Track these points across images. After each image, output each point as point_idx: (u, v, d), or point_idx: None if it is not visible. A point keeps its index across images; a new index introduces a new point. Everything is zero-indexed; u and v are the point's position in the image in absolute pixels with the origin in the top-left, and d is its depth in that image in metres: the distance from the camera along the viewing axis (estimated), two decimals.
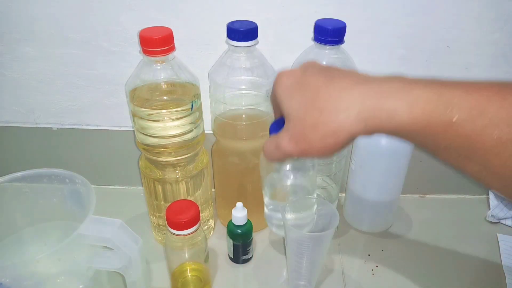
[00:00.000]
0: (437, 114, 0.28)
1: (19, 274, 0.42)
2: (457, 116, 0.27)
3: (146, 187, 0.59)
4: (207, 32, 0.59)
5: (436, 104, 0.28)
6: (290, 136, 0.34)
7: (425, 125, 0.28)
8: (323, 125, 0.32)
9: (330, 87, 0.32)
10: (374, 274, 0.58)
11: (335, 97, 0.31)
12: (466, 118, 0.27)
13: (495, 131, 0.26)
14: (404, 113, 0.29)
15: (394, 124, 0.29)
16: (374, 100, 0.30)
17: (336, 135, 0.31)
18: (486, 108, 0.26)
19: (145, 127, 0.53)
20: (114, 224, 0.43)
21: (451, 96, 0.28)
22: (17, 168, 0.49)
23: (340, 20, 0.53)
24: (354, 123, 0.30)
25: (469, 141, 0.27)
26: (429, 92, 0.28)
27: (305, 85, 0.34)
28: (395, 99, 0.29)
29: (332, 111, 0.31)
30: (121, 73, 0.61)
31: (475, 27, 0.57)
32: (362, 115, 0.30)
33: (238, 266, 0.60)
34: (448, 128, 0.27)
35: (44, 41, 0.60)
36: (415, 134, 0.29)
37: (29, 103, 0.66)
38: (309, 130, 0.33)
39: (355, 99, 0.30)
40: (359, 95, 0.30)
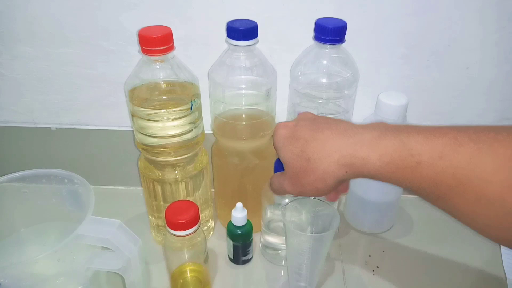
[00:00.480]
0: (402, 160, 0.32)
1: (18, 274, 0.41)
2: (419, 160, 0.31)
3: (145, 187, 0.59)
4: (207, 31, 0.58)
5: (401, 152, 0.32)
6: (288, 179, 0.41)
7: (394, 170, 0.32)
8: (312, 172, 0.37)
9: (316, 139, 0.38)
10: (375, 275, 0.58)
11: (319, 148, 0.37)
12: (428, 162, 0.31)
13: (454, 172, 0.29)
14: (375, 161, 0.33)
15: (368, 170, 0.34)
16: (350, 150, 0.35)
17: (324, 180, 0.37)
18: (444, 152, 0.30)
19: (144, 127, 0.52)
20: (113, 224, 0.43)
21: (414, 143, 0.32)
22: (15, 168, 0.49)
23: (341, 19, 0.53)
24: (337, 169, 0.36)
25: (434, 182, 0.31)
26: (395, 141, 0.33)
27: (296, 137, 0.39)
28: (367, 149, 0.34)
29: (317, 160, 0.37)
30: (120, 72, 0.61)
31: (476, 27, 0.57)
32: (341, 162, 0.35)
33: (238, 267, 0.59)
34: (414, 171, 0.31)
35: (43, 41, 0.60)
36: (389, 178, 0.33)
37: (28, 103, 0.66)
38: (302, 176, 0.38)
39: (335, 149, 0.36)
40: (338, 145, 0.36)
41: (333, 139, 0.36)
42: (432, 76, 0.61)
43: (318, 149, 0.37)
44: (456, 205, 0.30)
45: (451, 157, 0.29)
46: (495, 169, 0.28)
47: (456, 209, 0.31)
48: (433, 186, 0.31)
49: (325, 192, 0.39)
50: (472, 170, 0.28)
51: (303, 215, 0.52)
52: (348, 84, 0.56)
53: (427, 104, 0.64)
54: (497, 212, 0.28)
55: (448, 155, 0.29)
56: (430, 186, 0.31)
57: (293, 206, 0.51)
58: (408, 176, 0.32)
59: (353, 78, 0.56)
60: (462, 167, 0.29)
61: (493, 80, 0.61)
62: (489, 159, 0.28)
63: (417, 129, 0.33)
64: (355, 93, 0.58)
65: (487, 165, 0.28)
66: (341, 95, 0.56)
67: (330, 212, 0.50)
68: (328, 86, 0.56)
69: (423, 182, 0.31)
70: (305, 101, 0.57)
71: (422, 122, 0.65)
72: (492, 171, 0.28)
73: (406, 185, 0.33)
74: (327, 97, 0.56)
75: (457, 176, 0.29)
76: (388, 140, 0.33)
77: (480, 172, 0.28)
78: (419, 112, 0.64)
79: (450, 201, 0.30)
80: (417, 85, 0.62)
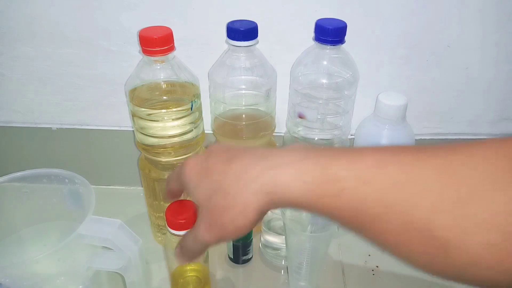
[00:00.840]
0: (326, 187, 0.29)
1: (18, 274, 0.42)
2: (343, 187, 0.28)
3: (146, 187, 0.59)
4: (207, 31, 0.58)
5: (324, 178, 0.29)
6: (204, 224, 0.34)
7: (317, 198, 0.29)
8: (231, 208, 0.32)
9: (231, 169, 0.32)
10: (374, 275, 0.58)
11: (237, 179, 0.32)
12: (352, 187, 0.27)
13: (378, 198, 0.27)
14: (297, 189, 0.29)
15: (290, 198, 0.30)
16: (271, 175, 0.31)
17: (245, 214, 0.32)
18: (368, 176, 0.27)
19: (144, 127, 0.53)
20: (113, 224, 0.43)
21: (336, 169, 0.28)
22: (16, 168, 0.49)
23: (341, 20, 0.53)
24: (258, 199, 0.31)
25: (358, 209, 0.28)
26: (316, 166, 0.29)
27: (210, 171, 0.34)
28: (288, 175, 0.30)
29: (237, 193, 0.32)
30: (121, 72, 0.61)
31: (476, 27, 0.57)
32: (263, 191, 0.31)
33: (238, 267, 0.60)
34: (337, 199, 0.28)
35: (44, 41, 0.60)
36: (312, 206, 0.30)
37: (29, 103, 0.66)
38: (219, 215, 0.33)
39: (254, 177, 0.31)
40: (257, 172, 0.31)
41: (251, 166, 0.32)
42: (432, 76, 0.61)
43: (235, 181, 0.32)
44: (380, 233, 0.27)
45: (375, 182, 0.27)
46: (423, 192, 0.25)
47: (380, 238, 0.28)
48: (358, 214, 0.28)
49: (246, 229, 0.33)
50: (397, 194, 0.26)
51: (303, 214, 0.52)
52: (348, 85, 0.56)
53: (427, 104, 0.64)
54: (423, 239, 0.26)
55: (372, 179, 0.27)
56: (355, 214, 0.28)
57: None
58: (332, 204, 0.29)
59: (353, 78, 0.56)
60: (387, 192, 0.26)
61: (493, 80, 0.61)
62: (414, 182, 0.26)
63: (339, 152, 0.30)
64: (355, 94, 0.58)
65: (413, 187, 0.26)
66: (341, 95, 0.56)
67: None
68: (328, 86, 0.56)
69: (347, 211, 0.28)
70: (305, 102, 0.57)
71: (422, 122, 0.66)
72: (419, 192, 0.26)
73: (329, 214, 0.30)
74: (327, 97, 0.56)
75: (380, 202, 0.27)
76: (309, 164, 0.30)
77: (405, 195, 0.26)
78: (418, 112, 0.64)
79: (374, 229, 0.28)
80: (417, 85, 0.62)
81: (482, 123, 0.66)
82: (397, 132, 0.57)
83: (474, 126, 0.66)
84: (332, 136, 0.59)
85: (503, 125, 0.66)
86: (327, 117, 0.57)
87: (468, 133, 0.67)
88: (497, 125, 0.66)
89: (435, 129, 0.67)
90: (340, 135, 0.60)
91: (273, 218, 0.58)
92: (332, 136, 0.59)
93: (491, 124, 0.66)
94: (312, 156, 0.30)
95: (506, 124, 0.66)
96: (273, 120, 0.59)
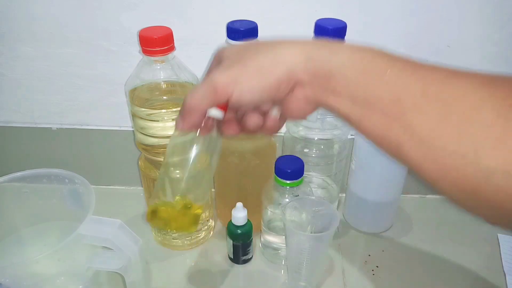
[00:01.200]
0: (373, 63, 0.29)
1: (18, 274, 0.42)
2: (389, 71, 0.28)
3: (146, 187, 0.59)
4: (207, 31, 0.58)
5: (373, 55, 0.30)
6: (224, 64, 0.33)
7: (362, 70, 0.29)
8: (261, 54, 0.31)
9: (271, 44, 0.33)
10: (374, 275, 0.58)
11: (278, 41, 0.33)
12: (396, 74, 0.28)
13: (420, 88, 0.27)
14: (344, 55, 0.30)
15: (333, 64, 0.30)
16: (317, 46, 0.31)
17: (273, 65, 0.31)
18: (415, 69, 0.29)
19: (144, 127, 0.53)
20: (113, 224, 0.43)
21: (385, 53, 0.30)
22: (16, 168, 0.49)
23: (341, 20, 0.53)
24: (295, 54, 0.31)
25: (396, 96, 0.28)
26: (371, 49, 0.30)
27: (247, 46, 0.34)
28: (337, 47, 0.31)
29: (275, 45, 0.32)
30: (121, 73, 0.61)
31: (476, 27, 0.57)
32: (305, 51, 0.31)
33: (238, 267, 0.60)
34: (380, 79, 0.28)
35: (44, 41, 0.60)
36: (350, 80, 0.30)
37: (29, 103, 0.66)
38: (244, 58, 0.32)
39: (297, 43, 0.32)
40: (303, 43, 0.32)
41: (294, 41, 0.32)
42: None
43: (278, 42, 0.33)
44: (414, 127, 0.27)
45: (419, 74, 0.28)
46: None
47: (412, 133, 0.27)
48: (394, 101, 0.28)
49: (265, 88, 0.31)
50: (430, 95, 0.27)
51: (303, 215, 0.52)
52: None
53: None
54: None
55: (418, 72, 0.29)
56: (389, 102, 0.28)
57: (293, 205, 0.51)
58: (372, 83, 0.29)
59: None
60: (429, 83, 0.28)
61: None
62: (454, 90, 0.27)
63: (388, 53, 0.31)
64: None
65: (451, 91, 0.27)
66: None
67: (329, 211, 0.51)
68: None
69: (383, 96, 0.28)
70: None
71: None
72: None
73: (363, 96, 0.29)
74: None
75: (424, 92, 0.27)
76: (363, 47, 0.30)
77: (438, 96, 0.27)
78: None
79: (407, 122, 0.28)
80: None
81: None
82: None
83: None
84: (332, 136, 0.59)
85: None
86: (327, 117, 0.57)
87: None
88: None
89: None
90: (340, 135, 0.60)
91: (273, 219, 0.58)
92: (332, 136, 0.59)
93: None
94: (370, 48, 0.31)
95: None
96: None
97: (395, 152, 0.29)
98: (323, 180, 0.65)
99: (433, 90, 0.27)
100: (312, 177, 0.64)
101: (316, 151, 0.60)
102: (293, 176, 0.52)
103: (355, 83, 0.30)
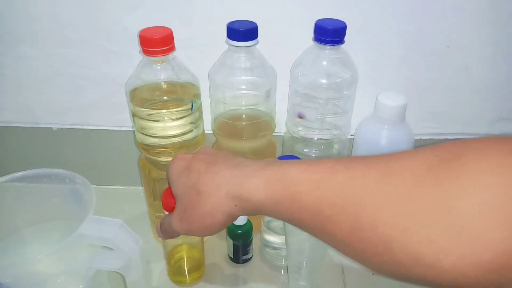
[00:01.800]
0: (284, 190, 0.31)
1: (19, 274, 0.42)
2: (299, 190, 0.30)
3: (146, 187, 0.59)
4: (207, 32, 0.59)
5: (283, 181, 0.31)
6: (177, 215, 0.38)
7: (277, 201, 0.32)
8: (201, 206, 0.35)
9: (208, 172, 0.36)
10: (374, 274, 0.58)
11: (210, 181, 0.35)
12: (306, 191, 0.30)
13: (329, 201, 0.29)
14: (261, 192, 0.32)
15: (254, 202, 0.33)
16: (238, 181, 0.34)
17: (212, 215, 0.35)
18: (320, 181, 0.30)
19: (145, 127, 0.53)
20: (114, 224, 0.43)
21: (294, 173, 0.31)
22: (17, 168, 0.49)
23: (340, 20, 0.53)
24: (226, 202, 0.34)
25: (312, 212, 0.30)
26: (278, 171, 0.32)
27: (191, 169, 0.37)
28: (253, 179, 0.33)
29: (207, 193, 0.35)
30: (122, 73, 0.61)
31: (475, 28, 0.57)
32: (230, 195, 0.34)
33: (238, 266, 0.60)
34: (294, 202, 0.31)
35: (45, 41, 0.60)
36: (274, 210, 0.32)
37: (30, 103, 0.66)
38: (190, 210, 0.36)
39: (225, 182, 0.34)
40: (228, 177, 0.34)
41: (224, 172, 0.35)
42: (431, 76, 0.61)
43: (209, 182, 0.35)
44: (334, 234, 0.29)
45: (326, 186, 0.29)
46: (368, 193, 0.27)
47: (335, 239, 0.29)
48: (312, 216, 0.30)
49: (213, 230, 0.36)
50: (346, 196, 0.28)
51: None
52: (347, 85, 0.56)
53: (426, 104, 0.64)
54: (371, 238, 0.27)
55: (324, 183, 0.29)
56: (310, 217, 0.30)
57: None
58: (290, 208, 0.31)
59: (352, 78, 0.56)
60: (337, 194, 0.28)
61: (492, 80, 0.62)
62: (361, 184, 0.28)
63: (300, 161, 0.33)
64: (354, 94, 0.58)
65: (359, 189, 0.28)
66: (340, 95, 0.57)
67: None
68: (328, 86, 0.56)
69: (303, 214, 0.30)
70: (304, 102, 0.57)
71: (421, 122, 0.66)
72: (365, 194, 0.27)
73: (289, 217, 0.32)
74: (326, 97, 0.56)
75: (332, 204, 0.29)
76: (271, 170, 0.33)
77: (353, 197, 0.28)
78: (418, 112, 0.64)
79: (328, 231, 0.29)
80: (416, 85, 0.62)
81: (481, 123, 0.66)
82: (396, 132, 0.57)
83: (473, 126, 0.66)
84: (331, 136, 0.59)
85: (501, 125, 0.66)
86: (326, 117, 0.57)
87: (467, 133, 0.67)
88: (496, 125, 0.66)
89: (434, 129, 0.67)
90: (340, 135, 0.60)
91: (273, 219, 0.58)
92: (331, 136, 0.59)
93: (490, 124, 0.66)
94: (275, 164, 0.33)
95: (504, 124, 0.66)
96: (273, 120, 0.59)
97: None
98: None
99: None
100: None
101: (315, 151, 0.60)
102: None
103: (281, 213, 0.32)
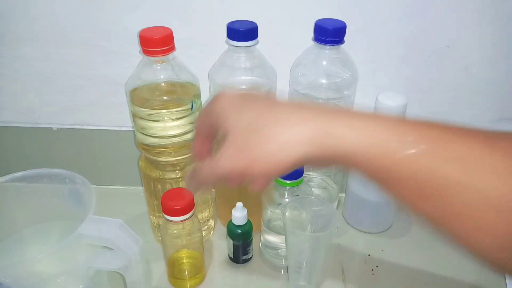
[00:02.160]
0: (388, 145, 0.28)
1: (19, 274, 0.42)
2: (413, 151, 0.27)
3: (146, 187, 0.59)
4: (207, 32, 0.59)
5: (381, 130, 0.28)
6: (232, 150, 0.31)
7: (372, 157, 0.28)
8: (277, 136, 0.29)
9: (282, 105, 0.31)
10: (374, 274, 0.58)
11: (289, 112, 0.30)
12: (423, 153, 0.27)
13: (454, 168, 0.26)
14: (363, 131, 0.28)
15: (344, 151, 0.28)
16: (324, 121, 0.29)
17: (289, 149, 0.29)
18: (442, 146, 0.27)
19: (145, 127, 0.53)
20: (114, 224, 0.43)
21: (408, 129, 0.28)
22: (17, 168, 0.49)
23: (340, 20, 0.53)
24: (307, 139, 0.29)
25: (427, 176, 0.27)
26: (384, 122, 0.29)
27: (248, 108, 0.32)
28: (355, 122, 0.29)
29: (287, 121, 0.29)
30: (122, 73, 0.61)
31: (475, 28, 0.57)
32: (316, 130, 0.29)
33: (238, 266, 0.60)
34: (393, 158, 0.27)
35: (45, 41, 0.60)
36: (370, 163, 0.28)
37: (30, 103, 0.66)
38: (254, 143, 0.30)
39: (308, 118, 0.30)
40: (316, 113, 0.30)
41: (302, 108, 0.30)
42: (431, 76, 0.61)
43: (289, 112, 0.30)
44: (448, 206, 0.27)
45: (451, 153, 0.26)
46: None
47: (445, 211, 0.28)
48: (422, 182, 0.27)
49: (281, 169, 0.30)
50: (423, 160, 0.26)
51: (303, 214, 0.52)
52: (347, 85, 0.56)
53: (426, 104, 0.64)
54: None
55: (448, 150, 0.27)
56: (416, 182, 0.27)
57: (293, 205, 0.51)
58: (387, 162, 0.27)
59: (352, 78, 0.56)
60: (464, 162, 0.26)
61: (491, 80, 0.62)
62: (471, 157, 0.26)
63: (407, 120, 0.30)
64: (354, 94, 0.58)
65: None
66: (340, 95, 0.57)
67: (329, 211, 0.51)
68: (328, 86, 0.56)
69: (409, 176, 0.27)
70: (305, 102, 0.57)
71: None
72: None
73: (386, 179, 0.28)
74: (326, 97, 0.56)
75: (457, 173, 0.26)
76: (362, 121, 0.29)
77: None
78: (417, 113, 0.64)
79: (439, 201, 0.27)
80: (416, 85, 0.62)
81: (481, 123, 0.66)
82: None
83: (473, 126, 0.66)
84: None
85: (502, 125, 0.66)
86: None
87: None
88: (496, 125, 0.66)
89: None
90: None
91: (273, 219, 0.58)
92: None
93: (490, 124, 0.66)
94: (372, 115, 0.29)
95: (505, 124, 0.66)
96: None
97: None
98: (323, 180, 0.66)
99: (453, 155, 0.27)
100: (312, 177, 0.64)
101: None
102: (293, 176, 0.52)
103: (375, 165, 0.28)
